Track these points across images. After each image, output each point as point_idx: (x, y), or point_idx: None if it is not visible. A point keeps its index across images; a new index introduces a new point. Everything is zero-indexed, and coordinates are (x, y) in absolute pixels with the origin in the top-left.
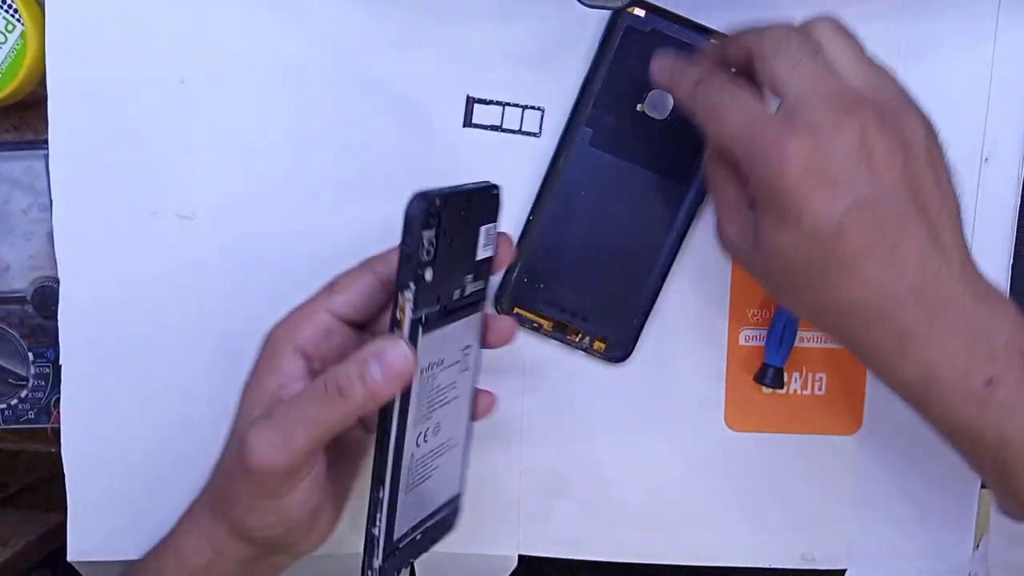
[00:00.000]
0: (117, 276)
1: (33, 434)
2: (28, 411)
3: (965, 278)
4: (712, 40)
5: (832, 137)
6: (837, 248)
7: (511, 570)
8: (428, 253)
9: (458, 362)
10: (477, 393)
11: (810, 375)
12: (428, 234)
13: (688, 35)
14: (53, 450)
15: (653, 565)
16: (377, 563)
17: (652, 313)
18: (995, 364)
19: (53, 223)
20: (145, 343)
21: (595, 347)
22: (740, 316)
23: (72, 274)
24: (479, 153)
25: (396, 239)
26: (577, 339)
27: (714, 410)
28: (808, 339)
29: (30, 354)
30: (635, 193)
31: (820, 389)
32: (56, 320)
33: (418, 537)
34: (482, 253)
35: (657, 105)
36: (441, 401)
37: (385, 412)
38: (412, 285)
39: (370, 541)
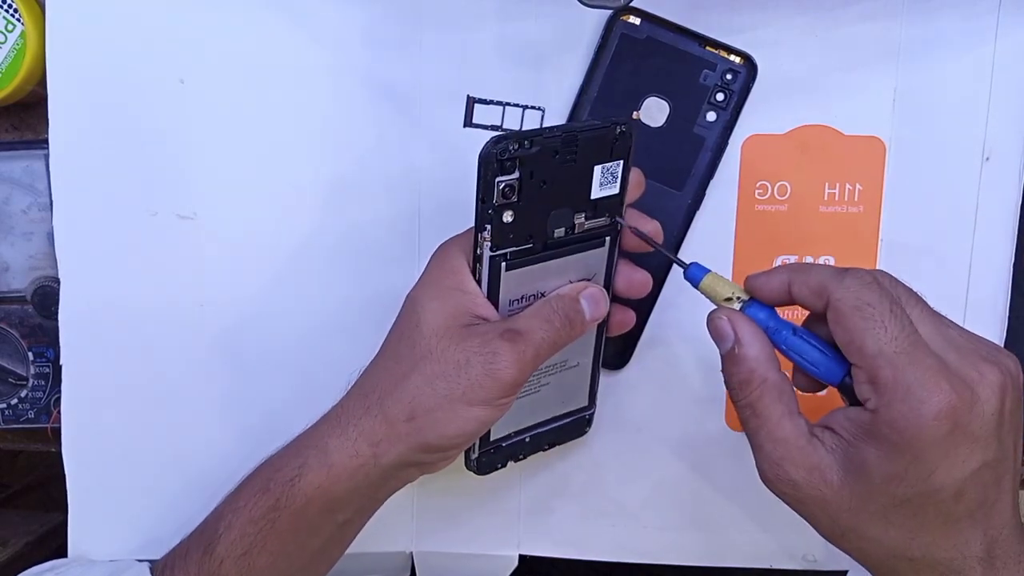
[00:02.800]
0: (117, 276)
1: (33, 434)
2: (28, 411)
3: (1021, 534)
4: (708, 47)
5: (987, 395)
6: (950, 507)
7: (511, 570)
8: (506, 196)
9: None
10: (613, 311)
11: None
12: (505, 179)
13: (683, 42)
14: (53, 450)
15: (653, 565)
16: (474, 455)
17: (652, 313)
18: None
19: (53, 223)
20: (145, 343)
21: None
22: None
23: (72, 274)
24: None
25: (397, 239)
26: None
27: (714, 410)
28: None
29: (30, 354)
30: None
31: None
32: (56, 320)
33: (527, 439)
34: (600, 191)
35: (653, 113)
36: None
37: None
38: (488, 227)
39: None
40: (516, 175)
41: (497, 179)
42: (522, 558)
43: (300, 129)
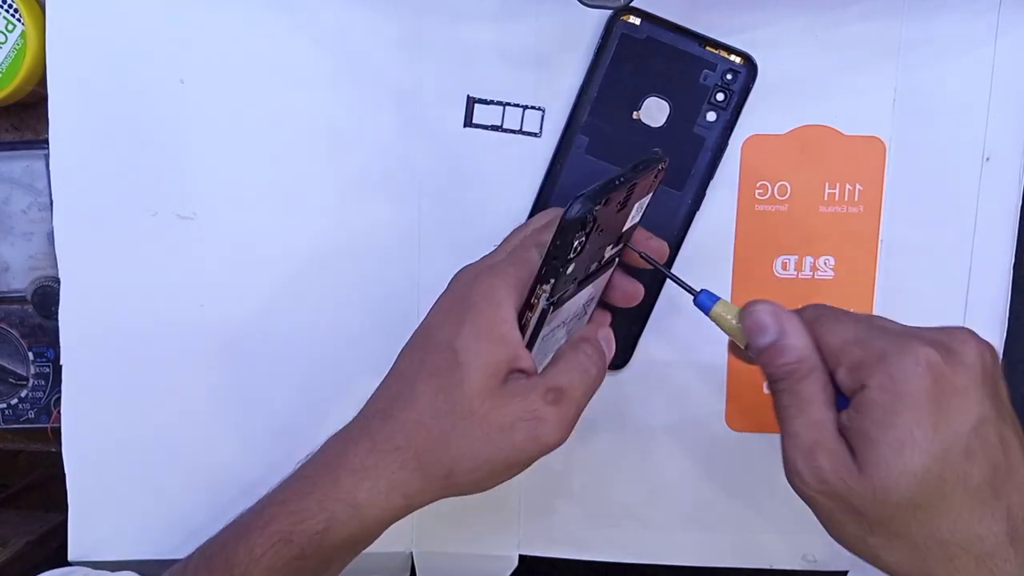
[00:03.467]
0: (117, 276)
1: (33, 434)
2: (28, 411)
3: None
4: (708, 47)
5: (957, 348)
6: (964, 468)
7: (511, 570)
8: (575, 251)
9: (579, 317)
10: (595, 314)
11: None
12: (580, 236)
13: (683, 42)
14: (53, 450)
15: (653, 565)
16: None
17: (652, 315)
18: None
19: (53, 223)
20: (145, 343)
21: None
22: None
23: (72, 274)
24: (479, 153)
25: (397, 239)
26: None
27: (714, 410)
28: None
29: (30, 354)
30: None
31: None
32: (56, 320)
33: None
34: (629, 224)
35: (653, 113)
36: (554, 349)
37: None
38: (552, 280)
39: None
40: (587, 231)
41: (575, 237)
42: (522, 558)
43: (300, 129)
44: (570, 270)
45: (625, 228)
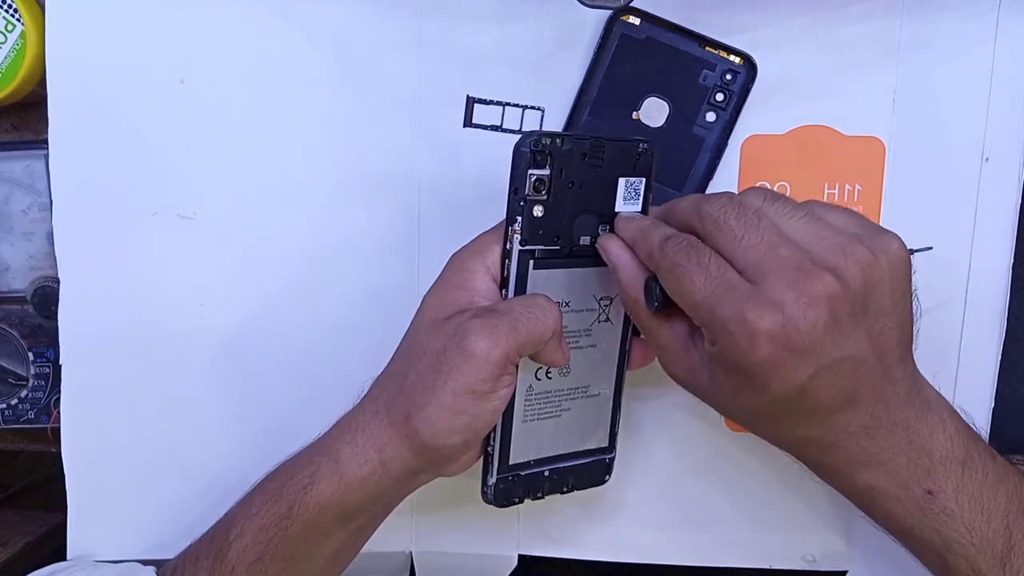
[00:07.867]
0: (117, 276)
1: (33, 434)
2: (28, 411)
3: (910, 400)
4: (707, 48)
5: (800, 313)
6: (800, 403)
7: (511, 570)
8: (537, 190)
9: (592, 310)
10: (634, 344)
11: None
12: (537, 172)
13: (683, 42)
14: (53, 450)
15: (653, 565)
16: (491, 480)
17: None
18: (934, 476)
19: (53, 223)
20: (145, 343)
21: None
22: None
23: (72, 274)
24: (479, 153)
25: (396, 238)
26: None
27: (714, 410)
28: None
29: (30, 354)
30: None
31: None
32: (56, 320)
33: (546, 473)
34: (624, 205)
35: (653, 113)
36: (569, 343)
37: None
38: (519, 219)
39: (486, 458)
40: (547, 171)
41: (529, 171)
42: (521, 558)
43: (300, 129)
44: (538, 213)
45: (620, 209)
